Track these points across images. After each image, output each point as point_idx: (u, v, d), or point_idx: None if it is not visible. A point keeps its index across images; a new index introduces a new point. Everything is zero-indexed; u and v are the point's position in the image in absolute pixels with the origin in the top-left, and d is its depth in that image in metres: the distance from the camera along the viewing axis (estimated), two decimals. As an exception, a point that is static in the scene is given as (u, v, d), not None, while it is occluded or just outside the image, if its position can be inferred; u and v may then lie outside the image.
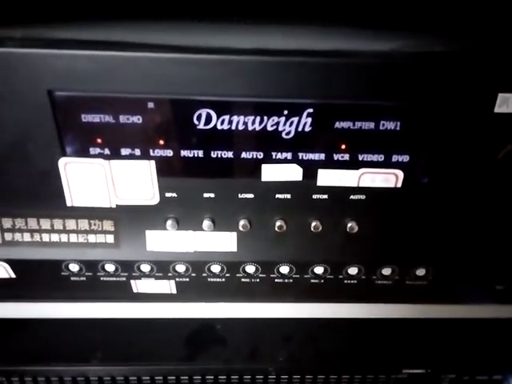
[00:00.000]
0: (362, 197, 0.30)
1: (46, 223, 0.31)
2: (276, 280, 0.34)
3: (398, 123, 0.28)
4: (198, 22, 0.29)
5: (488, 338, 0.42)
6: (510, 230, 0.31)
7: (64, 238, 0.31)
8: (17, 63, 0.25)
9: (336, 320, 0.38)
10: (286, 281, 0.34)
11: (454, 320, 0.39)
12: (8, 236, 0.31)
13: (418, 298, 0.35)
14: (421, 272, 0.33)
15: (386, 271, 0.33)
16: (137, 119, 0.28)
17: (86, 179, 0.29)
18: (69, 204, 0.30)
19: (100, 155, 0.29)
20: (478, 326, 0.41)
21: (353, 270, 0.33)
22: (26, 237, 0.31)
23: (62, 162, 0.29)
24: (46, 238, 0.31)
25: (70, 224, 0.31)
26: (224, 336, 0.42)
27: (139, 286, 0.34)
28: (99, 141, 0.28)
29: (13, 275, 0.33)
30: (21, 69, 0.25)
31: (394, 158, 0.29)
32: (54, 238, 0.31)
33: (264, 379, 0.41)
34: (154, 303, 0.36)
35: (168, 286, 0.34)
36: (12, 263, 0.32)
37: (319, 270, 0.33)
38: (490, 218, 0.31)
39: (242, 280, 0.34)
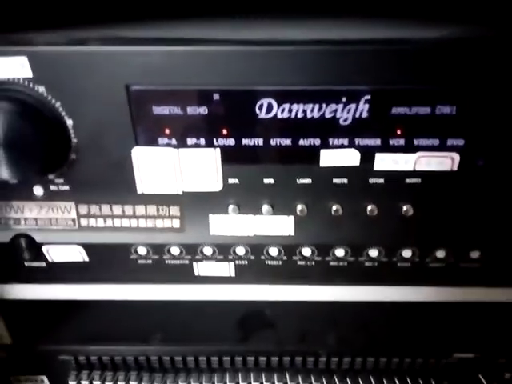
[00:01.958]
0: (418, 180, 0.31)
1: (117, 209, 0.33)
2: (331, 263, 0.35)
3: (453, 107, 0.29)
4: (259, 18, 0.31)
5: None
6: None
7: (134, 223, 0.34)
8: (98, 60, 0.28)
9: (386, 303, 0.39)
10: (341, 264, 0.35)
11: (507, 304, 0.39)
12: (83, 222, 0.34)
13: (471, 280, 0.36)
14: (475, 255, 0.34)
15: (440, 254, 0.34)
16: (203, 110, 0.30)
17: (156, 167, 0.32)
18: (139, 191, 0.33)
19: (168, 145, 0.31)
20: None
21: (406, 253, 0.34)
22: (100, 222, 0.34)
23: (135, 152, 0.31)
24: (117, 223, 0.34)
25: (140, 210, 0.33)
26: (276, 319, 0.43)
27: (201, 268, 0.36)
28: (168, 131, 0.31)
29: (86, 259, 0.35)
30: (101, 65, 0.28)
31: (450, 141, 0.30)
32: (125, 223, 0.34)
33: (315, 361, 0.42)
34: (213, 285, 0.38)
35: (227, 269, 0.36)
36: (86, 247, 0.35)
37: (374, 252, 0.34)
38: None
39: (299, 263, 0.35)
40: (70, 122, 0.30)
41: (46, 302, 0.40)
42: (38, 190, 0.33)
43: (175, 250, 0.35)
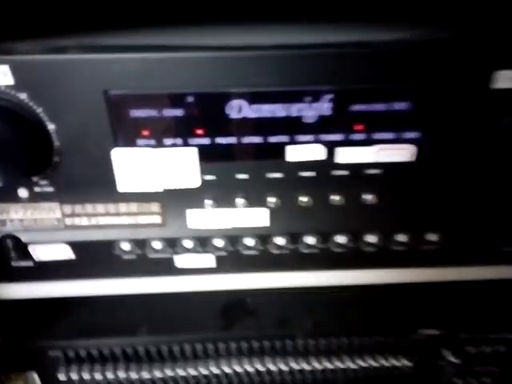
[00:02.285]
0: (379, 171, 0.34)
1: (100, 208, 0.35)
2: (303, 250, 0.38)
3: (408, 104, 0.32)
4: (227, 25, 0.33)
5: (499, 299, 0.46)
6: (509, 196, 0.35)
7: (117, 220, 0.36)
8: (76, 67, 0.30)
9: (355, 287, 0.42)
10: (312, 251, 0.38)
11: (466, 282, 0.43)
12: (69, 221, 0.36)
13: (432, 262, 0.39)
14: (433, 237, 0.37)
15: (401, 238, 0.37)
16: (178, 112, 0.32)
17: (135, 167, 0.34)
18: (120, 190, 0.34)
19: (147, 145, 0.33)
20: (488, 287, 0.45)
21: (371, 238, 0.37)
22: (84, 221, 0.36)
23: (114, 152, 0.33)
24: (101, 221, 0.36)
25: (122, 208, 0.35)
26: (255, 308, 0.46)
27: (182, 261, 0.38)
28: (145, 133, 0.33)
29: (73, 256, 0.37)
30: (80, 72, 0.30)
31: (406, 135, 0.33)
32: (108, 220, 0.36)
33: (293, 345, 0.45)
34: (194, 276, 0.40)
35: (208, 260, 0.38)
36: (72, 245, 0.36)
37: (341, 239, 0.37)
38: (496, 185, 0.35)
39: (274, 252, 0.38)
40: (51, 127, 0.31)
41: (34, 300, 0.42)
42: (23, 192, 0.34)
43: (157, 245, 0.37)
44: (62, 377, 0.44)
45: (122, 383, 0.45)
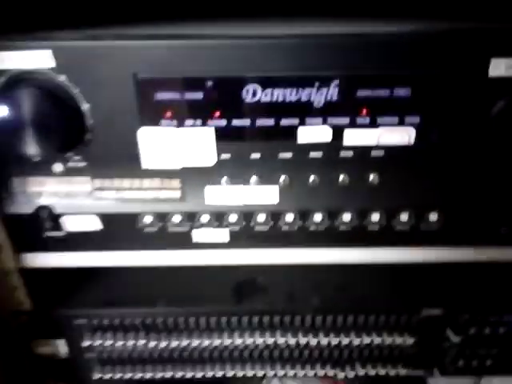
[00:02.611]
0: (382, 152, 0.37)
1: (126, 182, 0.39)
2: (311, 227, 0.40)
3: (409, 90, 0.35)
4: (244, 17, 0.37)
5: (499, 281, 0.47)
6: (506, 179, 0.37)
7: (140, 194, 0.39)
8: (110, 53, 0.33)
9: (361, 266, 0.45)
10: (319, 228, 0.40)
11: (469, 265, 0.45)
12: (98, 194, 0.39)
13: (432, 242, 0.41)
14: (433, 217, 0.39)
15: (404, 217, 0.40)
16: (198, 95, 0.35)
17: (159, 145, 0.37)
18: (145, 166, 0.38)
19: (169, 125, 0.36)
20: (489, 269, 0.47)
21: (375, 217, 0.40)
22: (112, 194, 0.39)
23: (141, 132, 0.36)
24: (126, 195, 0.39)
25: (146, 183, 0.39)
26: (267, 284, 0.49)
27: (199, 235, 0.41)
28: (169, 114, 0.36)
29: (100, 227, 0.41)
30: (113, 57, 0.33)
31: (407, 119, 0.36)
32: (133, 194, 0.39)
33: (301, 320, 0.47)
34: (209, 250, 0.43)
35: (222, 235, 0.41)
36: (100, 217, 0.40)
37: (347, 217, 0.40)
38: (493, 169, 0.38)
39: (283, 228, 0.41)
40: (86, 107, 0.35)
41: (62, 270, 0.46)
42: (58, 167, 0.38)
43: (176, 218, 0.40)
44: (86, 344, 0.48)
45: (142, 351, 0.48)
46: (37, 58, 0.33)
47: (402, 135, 0.36)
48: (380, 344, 0.47)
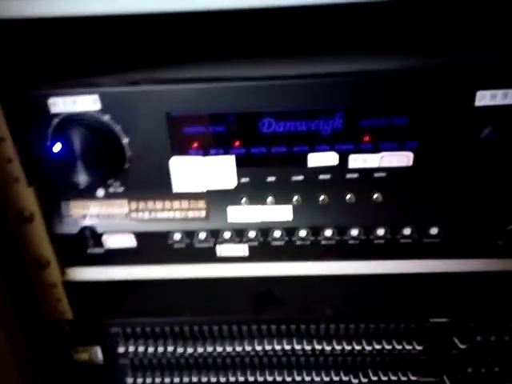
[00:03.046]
0: (384, 174, 0.42)
1: (159, 204, 0.44)
2: (322, 242, 0.45)
3: (406, 119, 0.40)
4: (258, 60, 0.42)
5: (503, 290, 0.50)
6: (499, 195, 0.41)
7: (171, 214, 0.45)
8: (146, 95, 0.39)
9: (371, 278, 0.49)
10: (330, 242, 0.45)
11: (472, 275, 0.48)
12: (134, 214, 0.45)
13: (433, 254, 0.45)
14: (434, 231, 0.43)
15: (407, 231, 0.44)
16: (221, 128, 0.41)
17: (187, 172, 0.43)
18: (175, 190, 0.44)
19: (196, 154, 0.42)
20: (493, 279, 0.50)
21: (380, 231, 0.44)
22: (146, 215, 0.45)
23: (172, 160, 0.42)
24: (159, 215, 0.45)
25: (175, 204, 0.44)
26: (284, 295, 0.53)
27: (222, 249, 0.46)
28: (195, 145, 0.42)
29: (135, 244, 0.46)
30: (148, 99, 0.39)
31: (405, 144, 0.41)
32: (164, 215, 0.45)
33: (316, 329, 0.51)
34: (231, 264, 0.48)
35: (242, 249, 0.46)
36: (135, 235, 0.45)
37: (354, 232, 0.44)
38: (485, 186, 0.42)
39: (297, 243, 0.45)
40: (125, 141, 0.41)
41: (99, 284, 0.51)
42: (100, 192, 0.44)
43: (202, 235, 0.45)
44: (120, 350, 0.52)
45: (170, 357, 0.53)
46: (85, 102, 0.39)
47: (401, 158, 0.41)
48: (390, 351, 0.51)
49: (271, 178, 0.43)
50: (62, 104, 0.40)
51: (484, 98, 0.37)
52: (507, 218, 0.43)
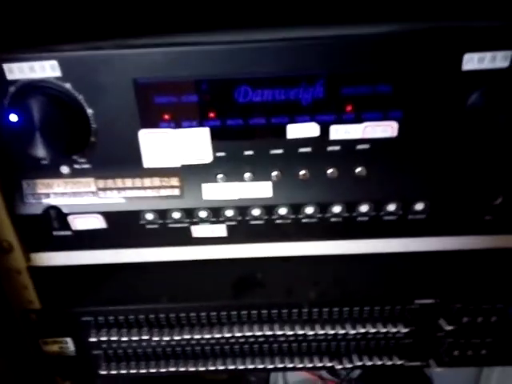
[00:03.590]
0: (367, 146, 0.39)
1: (128, 182, 0.41)
2: (303, 220, 0.43)
3: (390, 86, 0.37)
4: (235, 25, 0.39)
5: (490, 269, 0.49)
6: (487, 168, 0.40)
7: (142, 193, 0.42)
8: (111, 61, 0.36)
9: (355, 260, 0.47)
10: (311, 220, 0.43)
11: (459, 254, 0.46)
12: (102, 194, 0.42)
13: (419, 231, 0.43)
14: (419, 207, 0.41)
15: (391, 207, 0.42)
16: (194, 98, 0.38)
17: (158, 146, 0.40)
18: (145, 166, 0.41)
19: (167, 127, 0.39)
20: (481, 259, 0.49)
21: (364, 208, 0.42)
22: (114, 193, 0.42)
23: (141, 133, 0.39)
24: (128, 193, 0.42)
25: (146, 182, 0.41)
26: (264, 278, 0.51)
27: (197, 230, 0.44)
28: (167, 116, 0.39)
29: (104, 226, 0.43)
30: (114, 65, 0.36)
31: (389, 113, 0.38)
32: (135, 193, 0.42)
33: (298, 313, 0.49)
34: (208, 246, 0.45)
35: (220, 230, 0.43)
36: (104, 215, 0.42)
37: (337, 209, 0.42)
38: (472, 158, 0.40)
39: (277, 221, 0.43)
40: (90, 111, 0.38)
41: (68, 270, 0.48)
42: (64, 169, 0.41)
43: (176, 215, 0.42)
44: (93, 340, 0.49)
45: (145, 347, 0.50)
46: (44, 68, 0.36)
47: (385, 129, 0.39)
48: (375, 334, 0.49)
49: (249, 152, 0.40)
50: (18, 70, 0.36)
51: (471, 61, 0.35)
52: (494, 192, 0.41)
